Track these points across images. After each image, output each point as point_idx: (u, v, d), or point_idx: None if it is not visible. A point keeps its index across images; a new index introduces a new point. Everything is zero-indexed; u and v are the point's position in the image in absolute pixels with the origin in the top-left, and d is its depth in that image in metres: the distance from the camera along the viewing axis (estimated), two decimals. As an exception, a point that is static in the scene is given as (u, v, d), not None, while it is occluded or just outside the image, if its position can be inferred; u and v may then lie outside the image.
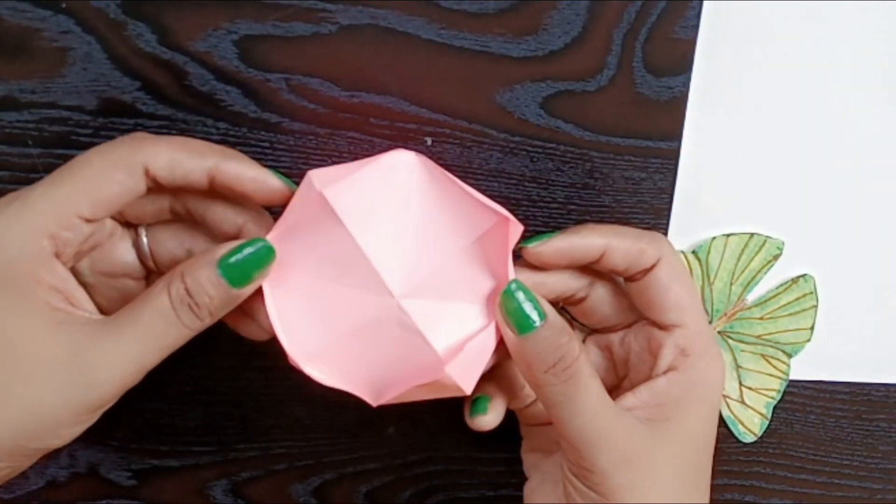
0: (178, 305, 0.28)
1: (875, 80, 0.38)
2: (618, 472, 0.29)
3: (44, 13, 0.32)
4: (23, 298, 0.27)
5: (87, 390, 0.27)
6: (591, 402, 0.29)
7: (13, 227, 0.27)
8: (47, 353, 0.27)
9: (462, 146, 0.36)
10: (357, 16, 0.34)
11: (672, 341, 0.32)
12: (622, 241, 0.31)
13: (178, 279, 0.28)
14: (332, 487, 0.39)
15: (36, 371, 0.27)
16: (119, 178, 0.28)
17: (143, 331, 0.27)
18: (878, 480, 0.43)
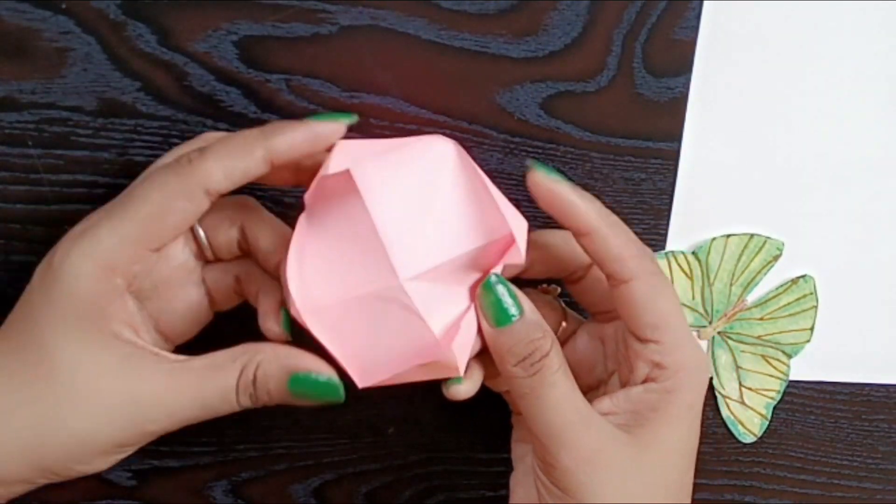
0: (241, 390, 0.29)
1: (875, 81, 0.38)
2: (581, 471, 0.29)
3: (44, 14, 0.32)
4: (94, 333, 0.28)
5: (134, 435, 0.29)
6: (557, 399, 0.29)
7: (86, 266, 0.27)
8: (109, 391, 0.28)
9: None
10: (357, 16, 0.34)
11: (646, 355, 0.31)
12: (607, 239, 0.31)
13: (252, 368, 0.29)
14: (331, 488, 0.39)
15: (95, 407, 0.28)
16: (181, 206, 0.28)
17: (203, 401, 0.29)
18: (878, 481, 0.43)
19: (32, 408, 0.27)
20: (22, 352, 0.28)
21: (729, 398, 0.41)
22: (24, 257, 0.34)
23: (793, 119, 0.38)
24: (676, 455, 0.32)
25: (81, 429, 0.28)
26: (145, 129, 0.34)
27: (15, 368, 0.28)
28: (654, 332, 0.31)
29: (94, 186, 0.34)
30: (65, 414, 0.28)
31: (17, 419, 0.27)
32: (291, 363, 0.29)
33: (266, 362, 0.29)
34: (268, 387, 0.29)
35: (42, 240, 0.34)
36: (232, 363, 0.29)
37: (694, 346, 0.32)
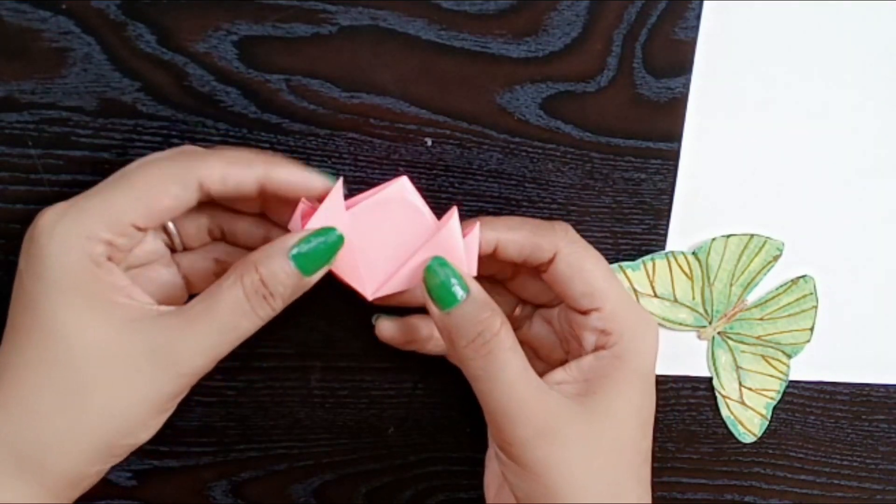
0: (252, 296, 0.28)
1: (875, 81, 0.38)
2: (537, 445, 0.30)
3: (44, 14, 0.32)
4: (91, 301, 0.27)
5: (168, 384, 0.28)
6: (509, 377, 0.30)
7: (72, 233, 0.27)
8: (126, 352, 0.27)
9: (462, 147, 0.36)
10: (357, 17, 0.34)
11: (590, 324, 0.32)
12: (514, 236, 0.32)
13: (252, 270, 0.28)
14: (331, 488, 0.39)
15: (117, 372, 0.27)
16: (174, 191, 0.28)
17: (218, 322, 0.28)
18: (878, 481, 0.43)
19: (59, 395, 0.27)
20: (37, 347, 0.27)
21: (729, 398, 0.41)
22: (24, 257, 0.34)
23: (793, 119, 0.38)
24: (629, 421, 0.32)
25: (114, 400, 0.27)
26: (145, 130, 0.34)
27: (38, 366, 0.27)
28: (591, 301, 0.32)
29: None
30: (92, 391, 0.27)
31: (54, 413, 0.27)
32: (283, 245, 0.29)
33: (263, 260, 0.29)
34: (279, 280, 0.28)
35: (42, 240, 0.34)
36: (228, 278, 0.28)
37: (637, 310, 0.33)
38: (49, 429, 0.27)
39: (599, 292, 0.32)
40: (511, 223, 0.32)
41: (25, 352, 0.27)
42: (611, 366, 0.32)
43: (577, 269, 0.32)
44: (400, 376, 0.38)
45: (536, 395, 0.30)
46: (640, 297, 0.39)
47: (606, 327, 0.32)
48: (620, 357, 0.32)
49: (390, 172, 0.36)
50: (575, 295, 0.32)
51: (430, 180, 0.36)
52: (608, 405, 0.31)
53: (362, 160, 0.36)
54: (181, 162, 0.29)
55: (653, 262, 0.39)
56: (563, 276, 0.32)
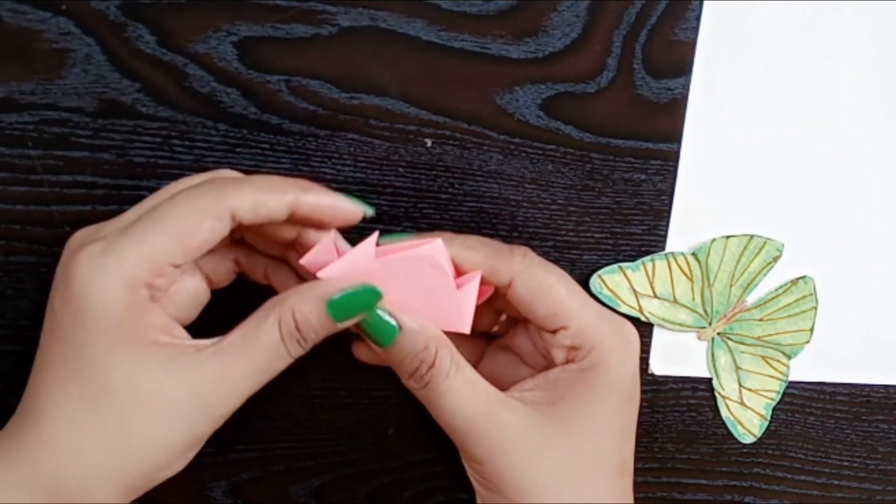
0: (287, 339, 0.29)
1: (875, 82, 0.38)
2: (497, 460, 0.30)
3: (44, 15, 0.32)
4: (134, 344, 0.28)
5: (205, 423, 0.29)
6: (452, 401, 0.30)
7: (113, 280, 0.27)
8: (168, 393, 0.28)
9: (462, 148, 0.36)
10: (357, 17, 0.34)
11: (558, 342, 0.32)
12: (469, 256, 0.31)
13: (289, 314, 0.29)
14: (331, 488, 0.39)
15: (158, 412, 0.28)
16: (209, 225, 0.28)
17: (256, 365, 0.29)
18: (878, 482, 0.43)
19: (102, 434, 0.27)
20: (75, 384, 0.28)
21: (729, 399, 0.41)
22: (24, 258, 0.34)
23: (793, 119, 0.38)
24: (600, 432, 0.32)
25: (155, 438, 0.28)
26: (145, 130, 0.34)
27: (75, 404, 0.27)
28: (556, 320, 0.32)
29: (94, 187, 0.34)
30: (135, 430, 0.28)
31: (93, 451, 0.27)
32: (322, 291, 0.29)
33: (299, 303, 0.29)
34: (312, 324, 0.29)
35: (42, 240, 0.34)
36: (267, 320, 0.29)
37: (609, 324, 0.32)
38: (90, 466, 0.28)
39: (564, 311, 0.32)
40: (468, 242, 0.32)
41: (66, 391, 0.28)
42: (577, 378, 0.32)
43: (537, 292, 0.31)
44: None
45: (487, 414, 0.30)
46: (639, 297, 0.39)
47: (574, 343, 0.32)
48: (588, 370, 0.31)
49: (390, 173, 0.36)
50: (539, 317, 0.32)
51: (430, 181, 0.36)
52: (572, 416, 0.31)
53: (362, 161, 0.36)
54: (213, 193, 0.28)
55: (652, 262, 0.39)
56: (524, 300, 0.32)
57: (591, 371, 0.31)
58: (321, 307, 0.29)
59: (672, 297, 0.39)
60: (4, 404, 0.36)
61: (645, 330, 0.40)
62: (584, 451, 0.31)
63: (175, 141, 0.34)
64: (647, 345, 0.40)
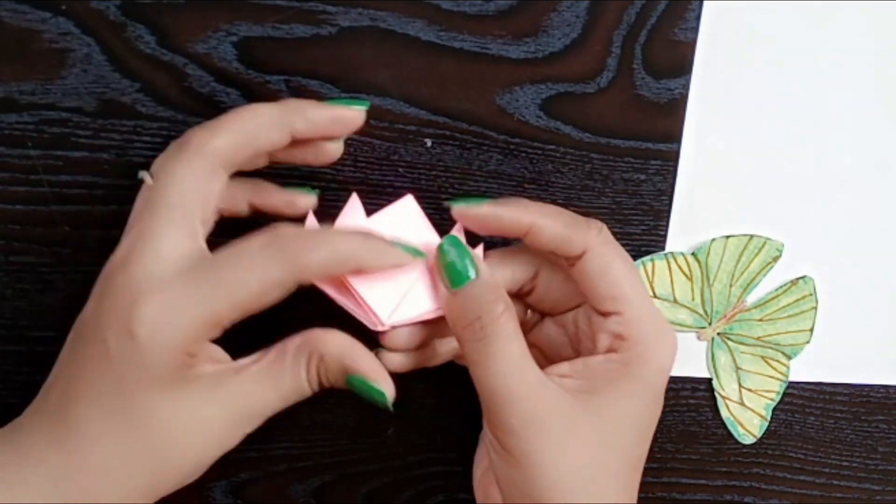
0: (311, 381, 0.30)
1: (875, 82, 0.38)
2: (527, 434, 0.30)
3: (43, 15, 0.32)
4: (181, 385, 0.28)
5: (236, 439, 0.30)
6: (502, 365, 0.30)
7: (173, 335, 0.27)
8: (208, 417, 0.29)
9: (462, 148, 0.36)
10: (357, 17, 0.34)
11: (607, 327, 0.32)
12: (549, 224, 0.32)
13: (315, 364, 0.30)
14: (331, 488, 0.39)
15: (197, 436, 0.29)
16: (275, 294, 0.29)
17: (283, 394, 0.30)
18: (878, 482, 0.43)
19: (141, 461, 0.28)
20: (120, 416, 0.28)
21: (729, 399, 0.41)
22: (24, 258, 0.34)
23: (793, 119, 0.38)
24: (625, 427, 0.32)
25: (191, 460, 0.29)
26: (145, 131, 0.34)
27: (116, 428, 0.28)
28: (614, 304, 0.32)
29: (94, 187, 0.34)
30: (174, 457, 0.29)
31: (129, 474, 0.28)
32: (349, 364, 0.30)
33: (327, 358, 0.30)
34: (329, 378, 0.30)
35: (42, 240, 0.34)
36: (297, 359, 0.30)
37: (657, 321, 0.32)
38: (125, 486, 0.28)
39: (623, 297, 0.32)
40: (545, 210, 0.32)
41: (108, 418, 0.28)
42: (618, 370, 0.32)
43: (605, 271, 0.32)
44: (400, 376, 0.38)
45: (529, 386, 0.30)
46: (639, 297, 0.39)
47: (623, 332, 0.32)
48: (630, 364, 0.32)
49: (390, 173, 0.36)
50: (599, 295, 0.32)
51: (430, 181, 0.36)
52: (606, 407, 0.31)
53: (362, 161, 0.36)
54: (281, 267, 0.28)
55: (652, 262, 0.39)
56: (590, 275, 0.32)
57: (632, 366, 0.32)
58: (341, 374, 0.30)
59: (672, 297, 0.39)
60: (4, 404, 0.36)
61: (645, 330, 0.40)
62: (609, 442, 0.31)
63: (175, 141, 0.34)
64: (647, 345, 0.40)
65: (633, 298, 0.32)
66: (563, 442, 0.30)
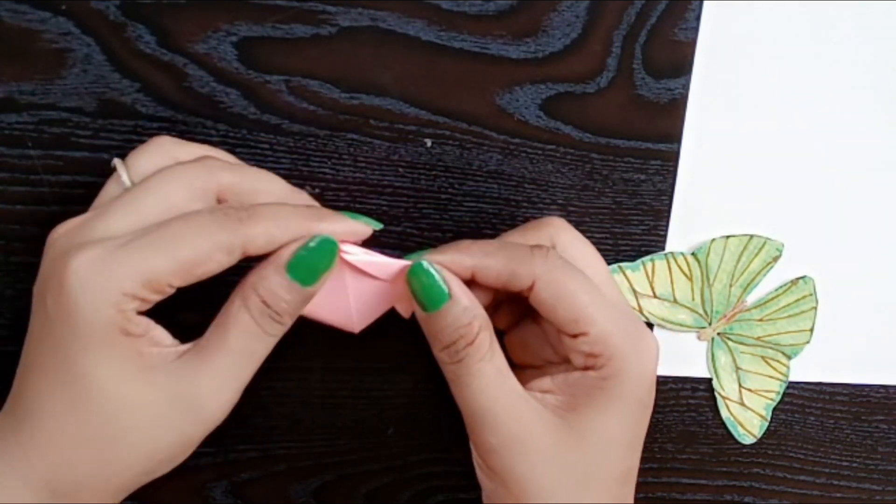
0: (259, 319, 0.29)
1: (875, 82, 0.38)
2: (508, 453, 0.30)
3: (43, 15, 0.32)
4: (120, 354, 0.28)
5: (198, 422, 0.29)
6: (482, 385, 0.30)
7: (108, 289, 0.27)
8: (153, 401, 0.28)
9: (462, 148, 0.36)
10: (357, 17, 0.34)
11: (577, 347, 0.31)
12: (491, 264, 0.31)
13: (253, 294, 0.28)
14: (331, 488, 0.39)
15: (146, 420, 0.28)
16: (218, 258, 0.28)
17: (234, 352, 0.29)
18: (878, 482, 0.43)
19: (90, 439, 0.28)
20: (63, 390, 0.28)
21: (729, 399, 0.41)
22: (24, 258, 0.34)
23: (793, 119, 0.38)
24: (608, 443, 0.31)
25: (140, 445, 0.28)
26: (145, 131, 0.34)
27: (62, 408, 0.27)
28: (577, 326, 0.31)
29: (94, 187, 0.34)
30: (120, 437, 0.28)
31: (82, 454, 0.28)
32: (279, 261, 0.29)
33: (260, 280, 0.29)
34: (280, 296, 0.29)
35: (42, 240, 0.34)
36: (233, 306, 0.29)
37: (629, 330, 0.31)
38: (80, 469, 0.28)
39: (584, 318, 0.31)
40: (487, 248, 0.31)
41: (55, 397, 0.28)
42: (597, 386, 0.31)
43: (558, 297, 0.31)
44: (400, 376, 0.38)
45: (509, 406, 0.30)
46: (639, 297, 0.39)
47: (593, 350, 0.31)
48: (608, 378, 0.31)
49: (390, 173, 0.36)
50: (560, 321, 0.31)
51: (430, 181, 0.36)
52: (588, 425, 0.31)
53: (362, 161, 0.36)
54: (229, 227, 0.28)
55: (652, 262, 0.39)
56: (545, 304, 0.31)
57: (610, 380, 0.31)
58: (282, 276, 0.28)
59: (672, 297, 0.39)
60: (4, 404, 0.36)
61: (645, 330, 0.40)
62: (592, 459, 0.31)
63: (175, 141, 0.34)
64: (647, 345, 0.40)
65: (595, 316, 0.31)
66: (545, 460, 0.30)
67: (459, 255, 0.31)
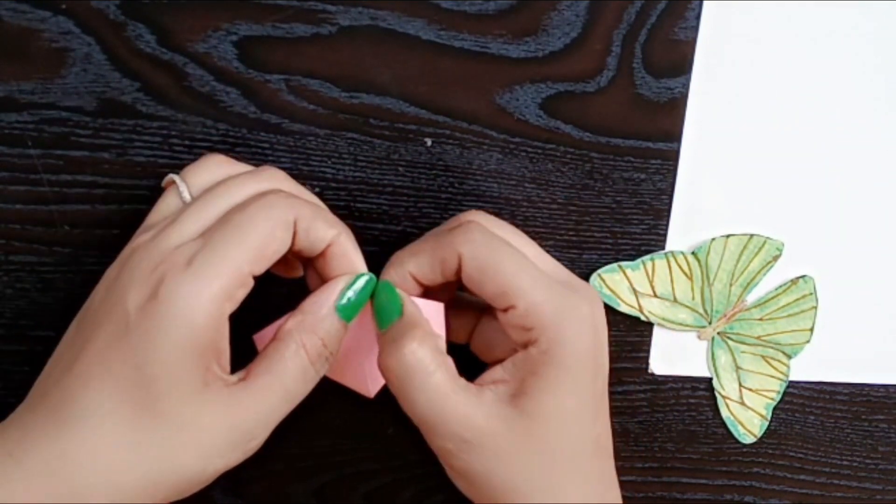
0: (315, 360, 0.30)
1: (874, 81, 0.38)
2: (465, 455, 0.30)
3: (43, 14, 0.32)
4: (201, 372, 0.28)
5: (238, 455, 0.29)
6: (427, 397, 0.30)
7: (197, 294, 0.27)
8: (215, 427, 0.28)
9: (462, 147, 0.36)
10: (357, 17, 0.34)
11: (511, 321, 0.31)
12: (421, 260, 0.32)
13: (313, 335, 0.30)
14: (331, 488, 0.39)
15: (204, 445, 0.28)
16: (280, 235, 0.29)
17: (286, 391, 0.29)
18: (878, 481, 0.43)
19: (142, 452, 0.27)
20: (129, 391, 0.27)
21: (729, 399, 0.41)
22: (24, 257, 0.34)
23: (793, 119, 0.38)
24: (566, 418, 0.31)
25: (193, 467, 0.28)
26: (145, 130, 0.34)
27: (122, 411, 0.27)
28: (505, 299, 0.31)
29: (94, 187, 0.34)
30: (177, 457, 0.28)
31: (128, 468, 0.27)
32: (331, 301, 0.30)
33: (319, 323, 0.30)
34: (335, 337, 0.30)
35: (42, 240, 0.34)
36: (290, 349, 0.29)
37: (560, 301, 0.31)
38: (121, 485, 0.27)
39: (512, 289, 0.30)
40: (413, 248, 0.32)
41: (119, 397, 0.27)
42: (539, 361, 0.31)
43: (483, 269, 0.31)
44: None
45: (456, 413, 0.30)
46: (639, 297, 0.39)
47: (525, 324, 0.31)
48: (547, 351, 0.30)
49: (390, 172, 0.36)
50: (489, 296, 0.31)
51: (430, 180, 0.36)
52: (540, 405, 0.30)
53: (362, 160, 0.36)
54: (283, 207, 0.29)
55: (652, 262, 0.39)
56: (473, 280, 0.31)
57: (549, 353, 0.30)
58: (335, 316, 0.30)
59: (672, 296, 0.39)
60: (4, 404, 0.36)
61: (645, 329, 0.40)
62: (552, 438, 0.31)
63: (175, 140, 0.34)
64: (647, 344, 0.40)
65: (522, 288, 0.30)
66: (503, 455, 0.30)
67: (394, 269, 0.32)
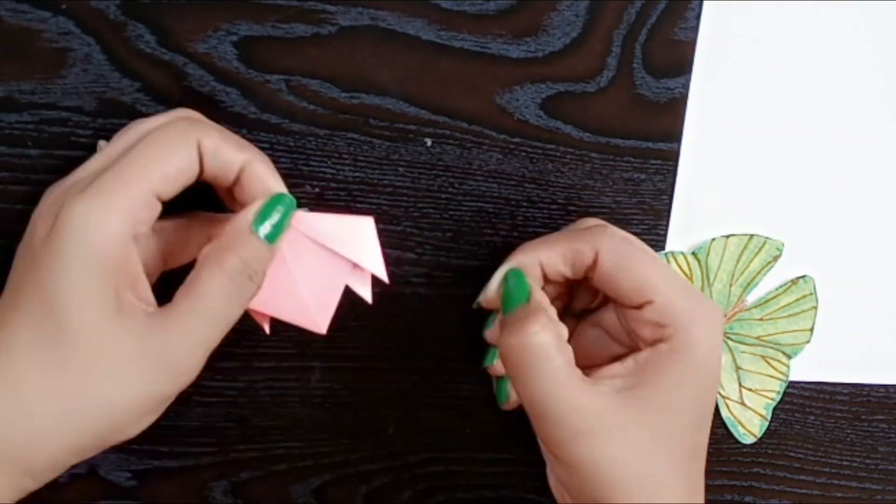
0: (237, 279, 0.29)
1: (874, 81, 0.38)
2: (573, 445, 0.30)
3: (43, 14, 0.32)
4: (112, 298, 0.27)
5: (168, 380, 0.28)
6: (544, 382, 0.30)
7: (113, 222, 0.27)
8: (124, 346, 0.27)
9: (462, 147, 0.36)
10: (357, 17, 0.34)
11: (644, 318, 0.31)
12: (554, 250, 0.32)
13: (231, 255, 0.29)
14: (331, 488, 0.39)
15: (118, 369, 0.27)
16: (182, 153, 0.28)
17: (210, 313, 0.28)
18: (878, 481, 0.43)
19: (59, 386, 0.27)
20: (39, 324, 0.27)
21: (729, 399, 0.41)
22: (24, 258, 0.34)
23: (793, 119, 0.38)
24: (679, 414, 0.31)
25: (113, 396, 0.27)
26: (145, 130, 0.34)
27: (35, 345, 0.27)
28: (642, 294, 0.31)
29: (94, 187, 0.34)
30: (94, 386, 0.27)
31: (46, 401, 0.27)
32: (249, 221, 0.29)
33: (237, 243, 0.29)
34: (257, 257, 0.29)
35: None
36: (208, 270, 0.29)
37: (695, 300, 0.32)
38: (42, 420, 0.27)
39: (649, 284, 0.31)
40: (547, 238, 0.33)
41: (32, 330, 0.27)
42: (666, 358, 0.31)
43: (622, 265, 0.31)
44: (400, 376, 0.38)
45: (572, 400, 0.30)
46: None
47: (660, 319, 0.31)
48: (676, 350, 0.31)
49: (390, 173, 0.36)
50: (624, 291, 0.31)
51: (430, 180, 0.36)
52: (657, 398, 0.31)
53: (362, 160, 0.36)
54: (183, 125, 0.29)
55: (652, 262, 0.39)
56: (609, 275, 0.31)
57: (679, 351, 0.31)
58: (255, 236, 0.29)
59: (672, 296, 0.39)
60: None
61: (645, 330, 0.40)
62: (661, 435, 0.31)
63: (175, 140, 0.34)
64: (647, 344, 0.40)
65: (660, 283, 0.31)
66: (613, 446, 0.30)
67: (523, 257, 0.32)
